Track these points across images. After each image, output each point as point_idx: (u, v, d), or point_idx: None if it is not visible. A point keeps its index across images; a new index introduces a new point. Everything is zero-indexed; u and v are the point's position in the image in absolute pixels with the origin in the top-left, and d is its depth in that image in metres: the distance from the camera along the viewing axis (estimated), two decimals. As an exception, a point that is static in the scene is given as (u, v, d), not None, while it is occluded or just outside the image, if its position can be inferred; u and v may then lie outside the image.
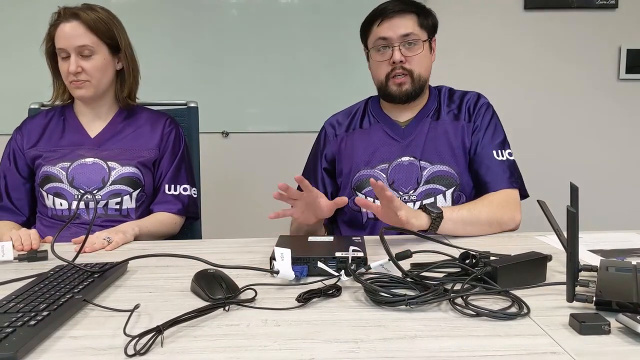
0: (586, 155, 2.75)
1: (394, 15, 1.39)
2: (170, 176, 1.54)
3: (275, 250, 0.95)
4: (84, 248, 1.12)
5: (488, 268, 0.89)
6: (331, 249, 1.03)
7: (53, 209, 1.47)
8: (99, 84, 1.47)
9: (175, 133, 1.57)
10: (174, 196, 1.52)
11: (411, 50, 1.40)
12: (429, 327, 0.75)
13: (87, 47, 1.43)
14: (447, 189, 1.40)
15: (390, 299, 0.82)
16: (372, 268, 0.94)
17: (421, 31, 1.41)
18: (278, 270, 0.93)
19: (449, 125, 1.45)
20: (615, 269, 0.86)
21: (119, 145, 1.51)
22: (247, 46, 2.62)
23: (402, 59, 1.38)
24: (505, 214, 1.33)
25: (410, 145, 1.44)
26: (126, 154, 1.50)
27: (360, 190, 1.44)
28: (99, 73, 1.46)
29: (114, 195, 1.46)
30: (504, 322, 0.76)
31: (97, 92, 1.48)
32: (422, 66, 1.41)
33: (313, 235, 1.25)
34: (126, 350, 0.66)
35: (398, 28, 1.38)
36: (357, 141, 1.49)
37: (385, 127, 1.48)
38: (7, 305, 0.78)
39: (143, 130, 1.55)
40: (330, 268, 0.96)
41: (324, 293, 0.86)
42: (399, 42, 1.39)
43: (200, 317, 0.78)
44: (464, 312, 0.78)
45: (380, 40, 1.40)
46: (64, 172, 1.46)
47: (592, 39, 2.67)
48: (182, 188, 1.54)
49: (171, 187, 1.53)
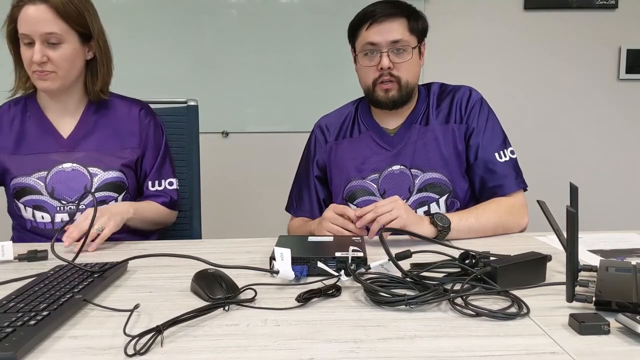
0: (586, 155, 2.75)
1: (384, 19, 1.34)
2: (155, 172, 1.46)
3: (275, 250, 0.95)
4: (83, 249, 1.11)
5: (488, 268, 0.89)
6: (331, 249, 1.03)
7: (33, 221, 1.38)
8: (66, 75, 1.33)
9: (153, 125, 1.48)
10: (158, 191, 1.46)
11: (400, 56, 1.35)
12: (428, 327, 0.75)
13: (54, 34, 1.27)
14: (440, 197, 1.39)
15: (389, 298, 0.82)
16: (371, 268, 0.94)
17: (411, 37, 1.36)
18: (278, 270, 0.93)
19: (438, 130, 1.42)
20: (615, 269, 0.86)
21: (95, 146, 1.40)
22: (247, 46, 2.62)
23: (390, 66, 1.34)
24: (512, 220, 1.33)
25: (400, 153, 1.41)
26: (107, 157, 1.40)
27: (352, 201, 1.43)
28: (67, 64, 1.31)
29: (98, 203, 1.34)
30: (503, 322, 0.76)
31: (64, 84, 1.34)
32: (410, 73, 1.38)
33: (312, 235, 1.25)
34: (126, 350, 0.66)
35: (387, 33, 1.34)
36: (347, 151, 1.47)
37: (375, 136, 1.45)
38: (7, 305, 0.78)
39: (119, 125, 1.43)
40: (330, 268, 0.96)
41: (323, 293, 0.86)
42: (388, 48, 1.34)
43: (200, 317, 0.78)
44: (464, 312, 0.78)
45: (368, 45, 1.36)
46: (42, 183, 1.35)
47: (592, 39, 2.67)
48: (168, 182, 1.47)
49: (155, 183, 1.46)
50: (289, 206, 1.57)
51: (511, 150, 1.42)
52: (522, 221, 1.35)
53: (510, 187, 1.37)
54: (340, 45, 2.53)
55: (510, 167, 1.39)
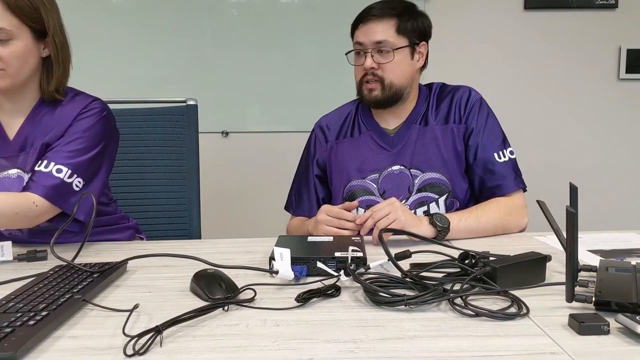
0: (586, 155, 2.75)
1: (372, 20, 1.36)
2: (51, 152, 1.24)
3: (274, 250, 0.95)
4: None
5: (487, 268, 0.89)
6: (331, 249, 1.03)
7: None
8: (17, 74, 1.22)
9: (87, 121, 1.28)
10: (41, 173, 1.21)
11: (384, 57, 1.36)
12: (428, 327, 0.75)
13: (3, 30, 1.17)
14: (439, 197, 1.39)
15: (389, 299, 0.81)
16: (371, 268, 0.94)
17: (398, 37, 1.36)
18: (277, 270, 0.92)
19: (437, 130, 1.42)
20: (615, 269, 0.86)
21: (39, 144, 1.27)
22: (247, 46, 2.62)
23: (373, 66, 1.36)
24: (512, 221, 1.33)
25: (400, 153, 1.42)
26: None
27: (352, 201, 1.42)
28: (17, 61, 1.21)
29: None
30: (503, 322, 0.76)
31: (15, 83, 1.23)
32: (394, 74, 1.37)
33: (311, 234, 1.25)
34: (125, 350, 0.66)
35: (373, 34, 1.35)
36: (347, 151, 1.47)
37: (374, 136, 1.46)
38: (7, 305, 0.78)
39: (59, 126, 1.28)
40: (329, 268, 0.96)
41: (323, 293, 0.86)
42: (372, 48, 1.36)
43: (199, 317, 0.77)
44: (463, 312, 0.78)
45: (357, 44, 1.39)
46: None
47: (592, 39, 2.67)
48: (56, 169, 1.22)
49: (42, 163, 1.22)
50: (288, 205, 1.57)
51: (510, 150, 1.42)
52: (522, 221, 1.35)
53: (510, 188, 1.37)
54: (340, 45, 2.53)
55: (509, 167, 1.39)
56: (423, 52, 1.43)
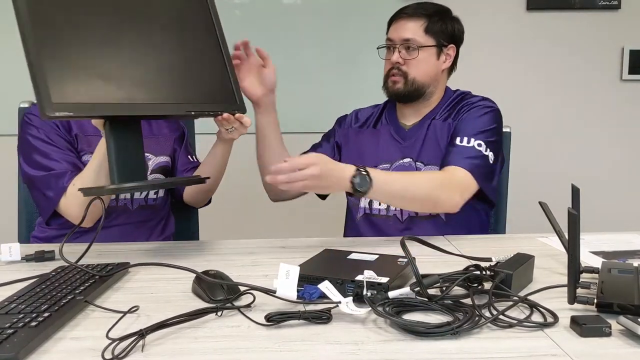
0: (588, 156, 2.74)
1: (403, 18, 1.44)
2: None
3: (280, 267, 0.84)
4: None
5: (503, 275, 0.86)
6: (362, 270, 0.87)
7: None
8: None
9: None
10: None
11: (409, 53, 1.42)
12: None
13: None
14: None
15: (436, 330, 0.72)
16: (390, 297, 0.82)
17: (425, 37, 1.42)
18: (275, 289, 0.83)
19: (438, 126, 1.45)
20: (617, 271, 0.86)
21: None
22: (250, 47, 2.62)
23: (399, 61, 1.42)
24: (444, 193, 1.27)
25: (410, 147, 1.46)
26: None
27: None
28: None
29: None
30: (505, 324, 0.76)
31: None
32: (418, 71, 1.42)
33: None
34: (103, 354, 0.66)
35: (402, 31, 1.43)
36: (366, 140, 1.53)
37: (392, 129, 1.51)
38: (9, 306, 0.79)
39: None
40: (347, 291, 0.85)
41: (301, 317, 0.76)
42: (399, 44, 1.43)
43: (188, 321, 0.76)
44: (499, 325, 0.75)
45: (387, 40, 1.47)
46: None
47: (595, 40, 2.66)
48: None
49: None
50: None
51: (479, 143, 1.35)
52: (455, 197, 1.28)
53: (456, 162, 1.33)
54: (345, 45, 2.54)
55: (467, 151, 1.34)
56: (451, 54, 1.47)
